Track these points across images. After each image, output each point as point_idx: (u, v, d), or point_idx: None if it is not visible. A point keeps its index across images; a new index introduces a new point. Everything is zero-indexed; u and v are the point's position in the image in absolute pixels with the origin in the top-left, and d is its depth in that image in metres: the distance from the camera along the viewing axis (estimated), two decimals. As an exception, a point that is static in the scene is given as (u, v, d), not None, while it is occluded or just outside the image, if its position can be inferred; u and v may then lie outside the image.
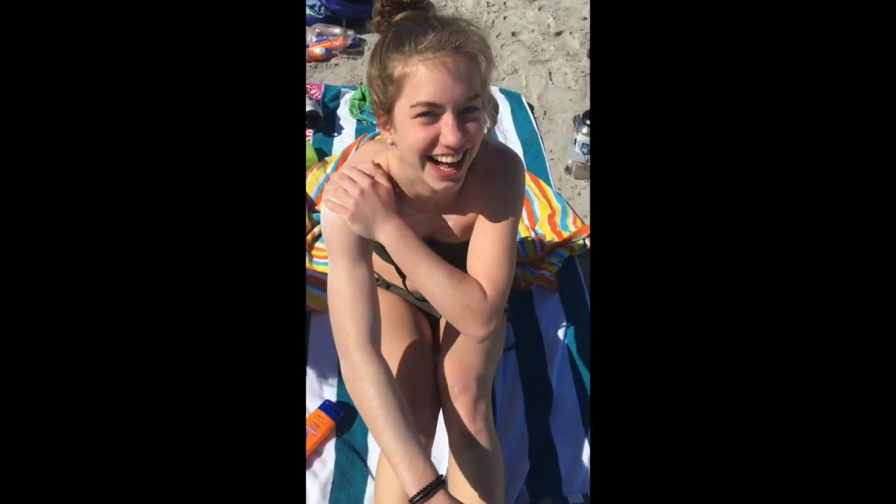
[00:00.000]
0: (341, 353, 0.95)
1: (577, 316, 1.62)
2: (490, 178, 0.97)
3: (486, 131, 0.88)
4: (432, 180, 0.86)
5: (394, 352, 1.13)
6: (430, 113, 0.80)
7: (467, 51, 0.79)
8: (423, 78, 0.78)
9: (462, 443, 1.03)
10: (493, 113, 0.92)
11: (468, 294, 0.93)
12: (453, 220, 1.04)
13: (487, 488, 1.02)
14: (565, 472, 1.33)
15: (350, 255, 0.94)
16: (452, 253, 1.04)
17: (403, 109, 0.81)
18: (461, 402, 1.04)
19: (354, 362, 0.92)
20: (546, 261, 1.72)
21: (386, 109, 0.84)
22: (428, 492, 0.83)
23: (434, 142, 0.82)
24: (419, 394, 1.08)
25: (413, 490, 0.84)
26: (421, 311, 1.30)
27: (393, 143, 0.88)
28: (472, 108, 0.81)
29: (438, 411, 1.10)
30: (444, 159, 0.83)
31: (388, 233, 0.92)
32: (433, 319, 1.32)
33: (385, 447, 0.88)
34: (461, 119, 0.81)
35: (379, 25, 0.87)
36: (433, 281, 0.94)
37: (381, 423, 0.88)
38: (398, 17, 0.84)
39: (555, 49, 2.59)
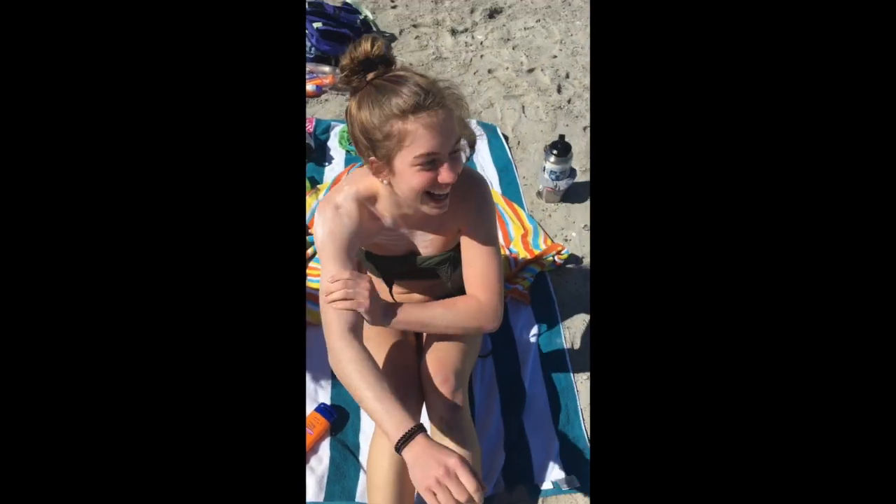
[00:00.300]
0: (328, 343, 1.07)
1: (548, 325, 1.78)
2: (465, 200, 1.15)
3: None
4: (429, 209, 1.06)
5: (383, 355, 1.28)
6: (432, 161, 0.98)
7: (450, 107, 0.98)
8: (422, 134, 0.95)
9: (442, 428, 1.17)
10: (473, 143, 1.11)
11: (465, 311, 1.16)
12: (431, 237, 1.22)
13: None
14: (537, 463, 1.46)
15: (338, 261, 1.10)
16: (430, 264, 1.22)
17: (405, 160, 0.98)
18: (441, 393, 1.19)
19: (336, 349, 1.05)
20: (519, 276, 1.88)
21: (384, 159, 1.00)
22: (409, 437, 0.94)
23: (434, 182, 1.01)
24: (405, 389, 1.22)
25: (396, 437, 0.95)
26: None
27: (389, 184, 1.05)
28: (457, 150, 1.01)
29: (422, 405, 1.24)
30: (439, 193, 1.03)
31: (388, 311, 1.13)
32: (417, 327, 1.48)
33: (368, 411, 1.00)
34: (452, 160, 1.00)
35: (350, 81, 1.00)
36: (435, 318, 1.16)
37: (361, 391, 1.00)
38: (371, 75, 0.99)
39: (527, 85, 2.79)
